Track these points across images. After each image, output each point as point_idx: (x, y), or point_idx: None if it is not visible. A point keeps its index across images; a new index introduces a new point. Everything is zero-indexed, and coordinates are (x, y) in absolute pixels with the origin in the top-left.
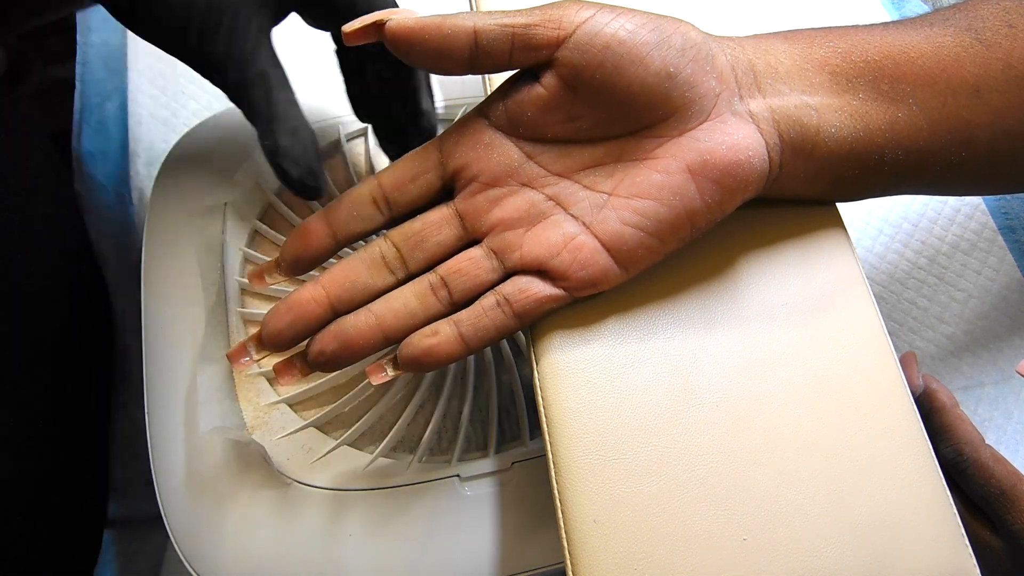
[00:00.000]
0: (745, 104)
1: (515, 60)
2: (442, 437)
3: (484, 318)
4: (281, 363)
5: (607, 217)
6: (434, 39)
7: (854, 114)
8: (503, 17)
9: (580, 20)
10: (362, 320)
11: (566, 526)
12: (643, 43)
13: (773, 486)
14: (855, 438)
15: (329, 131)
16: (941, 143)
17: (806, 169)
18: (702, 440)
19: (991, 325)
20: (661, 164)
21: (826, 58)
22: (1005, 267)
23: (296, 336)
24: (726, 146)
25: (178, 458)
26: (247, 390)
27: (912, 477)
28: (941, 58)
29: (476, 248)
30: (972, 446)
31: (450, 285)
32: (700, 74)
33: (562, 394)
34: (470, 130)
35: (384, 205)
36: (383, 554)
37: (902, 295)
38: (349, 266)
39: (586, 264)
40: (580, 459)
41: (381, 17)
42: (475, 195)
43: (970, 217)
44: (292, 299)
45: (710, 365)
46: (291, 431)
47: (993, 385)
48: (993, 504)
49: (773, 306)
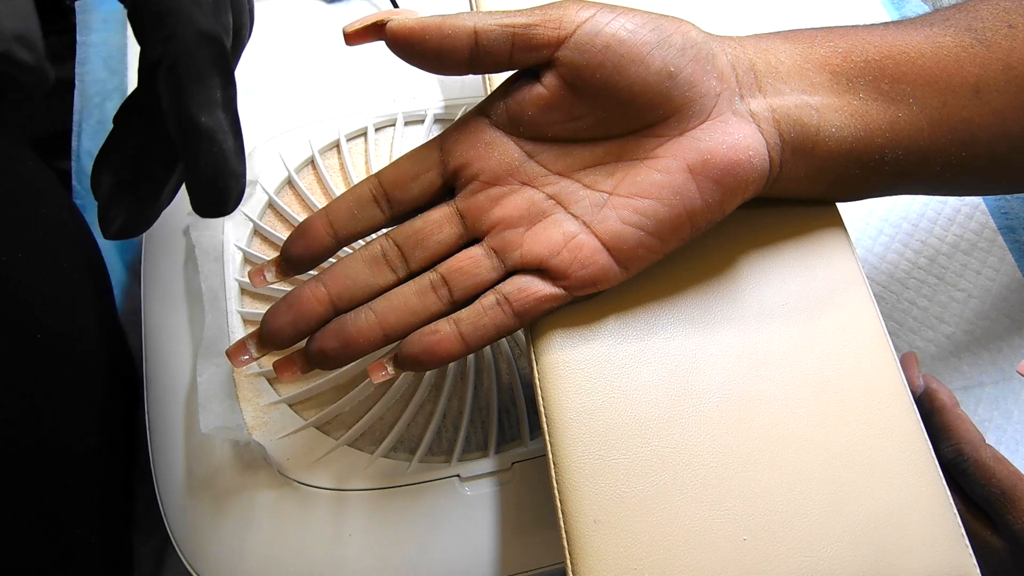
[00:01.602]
0: (746, 104)
1: (515, 60)
2: (442, 437)
3: (484, 317)
4: (281, 361)
5: (607, 216)
6: (435, 39)
7: (854, 114)
8: (503, 17)
9: (580, 20)
10: (362, 318)
11: (566, 526)
12: (643, 43)
13: (773, 486)
14: (855, 438)
15: (328, 131)
16: (941, 143)
17: (806, 169)
18: (702, 440)
19: (991, 325)
20: (661, 163)
21: (827, 58)
22: (1005, 267)
23: (296, 334)
24: (727, 146)
25: (178, 458)
26: (247, 390)
27: (912, 477)
28: (941, 58)
29: (476, 247)
30: (973, 446)
31: (450, 284)
32: (701, 74)
33: (562, 394)
34: (471, 129)
35: (385, 203)
36: (383, 554)
37: (902, 295)
38: (350, 264)
39: (586, 263)
40: (580, 459)
41: (382, 18)
42: (476, 194)
43: (970, 217)
44: (292, 297)
45: (710, 365)
46: (291, 431)
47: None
48: (994, 504)
49: (773, 306)
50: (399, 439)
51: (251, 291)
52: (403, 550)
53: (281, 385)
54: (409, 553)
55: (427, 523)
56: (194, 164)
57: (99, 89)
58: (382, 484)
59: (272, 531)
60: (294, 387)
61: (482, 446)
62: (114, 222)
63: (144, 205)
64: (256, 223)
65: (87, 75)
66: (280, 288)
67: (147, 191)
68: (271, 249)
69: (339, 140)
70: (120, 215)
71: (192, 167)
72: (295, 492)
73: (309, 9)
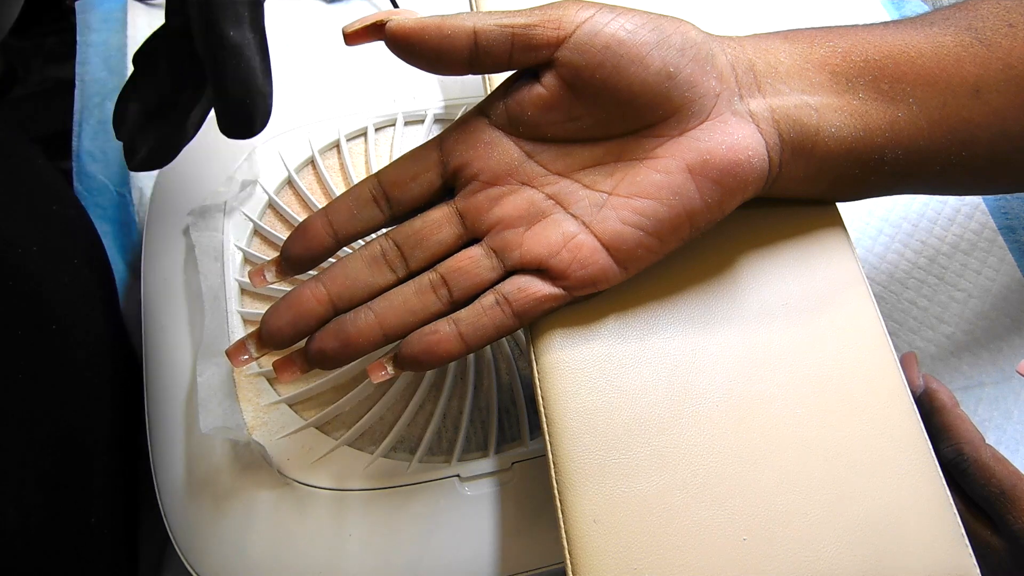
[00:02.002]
0: (745, 104)
1: (515, 60)
2: (442, 437)
3: (483, 317)
4: (281, 360)
5: (607, 216)
6: (434, 39)
7: (854, 114)
8: (503, 17)
9: (580, 20)
10: (362, 318)
11: (566, 526)
12: (643, 43)
13: (773, 486)
14: (855, 438)
15: (328, 131)
16: (941, 143)
17: (806, 169)
18: (702, 440)
19: (991, 325)
20: (661, 164)
21: (826, 58)
22: (1005, 267)
23: (296, 334)
24: (726, 146)
25: (178, 458)
26: (247, 390)
27: (912, 477)
28: (941, 58)
29: (476, 247)
30: (973, 446)
31: (450, 284)
32: (700, 74)
33: (562, 393)
34: (470, 129)
35: (384, 203)
36: (383, 554)
37: (902, 295)
38: (349, 264)
39: (586, 263)
40: (580, 459)
41: (381, 18)
42: (475, 194)
43: (970, 217)
44: (292, 297)
45: (710, 365)
46: (291, 431)
47: (993, 385)
48: (994, 504)
49: (773, 306)
50: (399, 439)
51: (251, 291)
52: (403, 550)
53: (281, 385)
54: (409, 553)
55: (427, 523)
56: (221, 81)
57: (99, 89)
58: (382, 484)
59: (272, 531)
60: (294, 387)
61: (482, 446)
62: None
63: (170, 134)
64: (256, 223)
65: (87, 75)
66: (280, 288)
67: (173, 120)
68: (271, 249)
69: (339, 140)
70: (145, 144)
71: (219, 85)
72: (295, 492)
73: (309, 9)
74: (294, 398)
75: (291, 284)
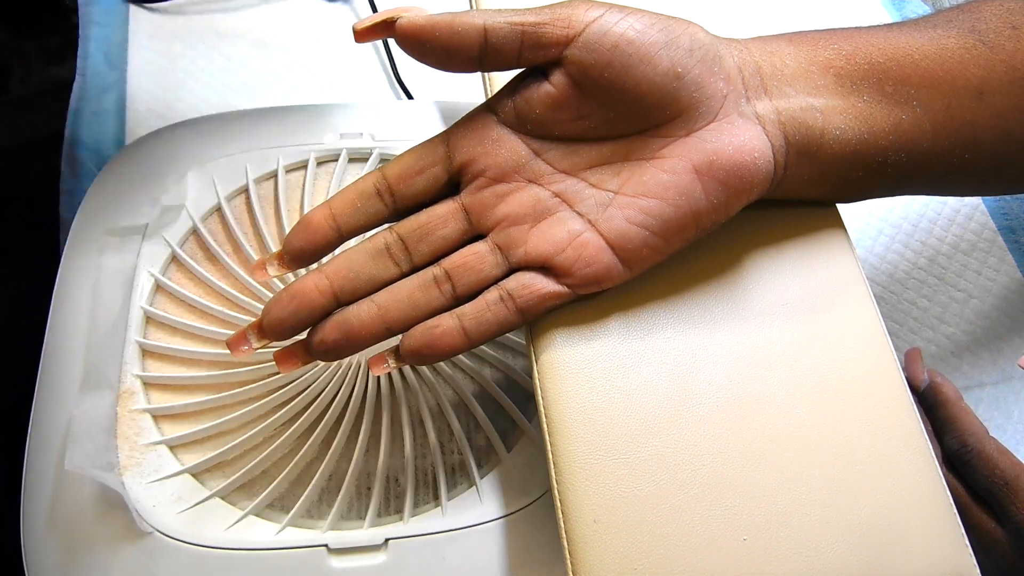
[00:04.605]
0: (752, 106)
1: (524, 58)
2: (323, 501)
3: (487, 312)
4: (282, 351)
5: (612, 215)
6: (444, 36)
7: (858, 116)
8: (513, 15)
9: (589, 19)
10: (364, 310)
11: (566, 526)
12: (652, 43)
13: (773, 486)
14: (855, 438)
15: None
16: (944, 145)
17: (810, 171)
18: (702, 439)
19: (991, 325)
20: (668, 164)
21: (831, 60)
22: (1005, 267)
23: (298, 325)
24: (732, 147)
25: (46, 494)
26: (127, 427)
27: (912, 477)
28: (945, 60)
29: (481, 243)
30: (977, 438)
31: (454, 279)
32: (708, 75)
33: (562, 392)
34: (478, 125)
35: (388, 198)
36: None
37: (902, 295)
38: (353, 256)
39: (590, 261)
40: (580, 458)
41: (391, 15)
42: (481, 190)
43: (970, 217)
44: (295, 287)
45: (711, 364)
46: (163, 476)
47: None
48: (997, 495)
49: (774, 306)
50: (277, 496)
51: (156, 320)
52: None
53: (165, 425)
54: None
55: None
56: None
57: (98, 82)
58: (245, 545)
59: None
60: (177, 428)
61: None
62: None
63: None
64: (175, 249)
65: (87, 68)
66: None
67: None
68: (187, 279)
69: (277, 170)
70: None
71: None
72: (154, 543)
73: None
74: (175, 440)
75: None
